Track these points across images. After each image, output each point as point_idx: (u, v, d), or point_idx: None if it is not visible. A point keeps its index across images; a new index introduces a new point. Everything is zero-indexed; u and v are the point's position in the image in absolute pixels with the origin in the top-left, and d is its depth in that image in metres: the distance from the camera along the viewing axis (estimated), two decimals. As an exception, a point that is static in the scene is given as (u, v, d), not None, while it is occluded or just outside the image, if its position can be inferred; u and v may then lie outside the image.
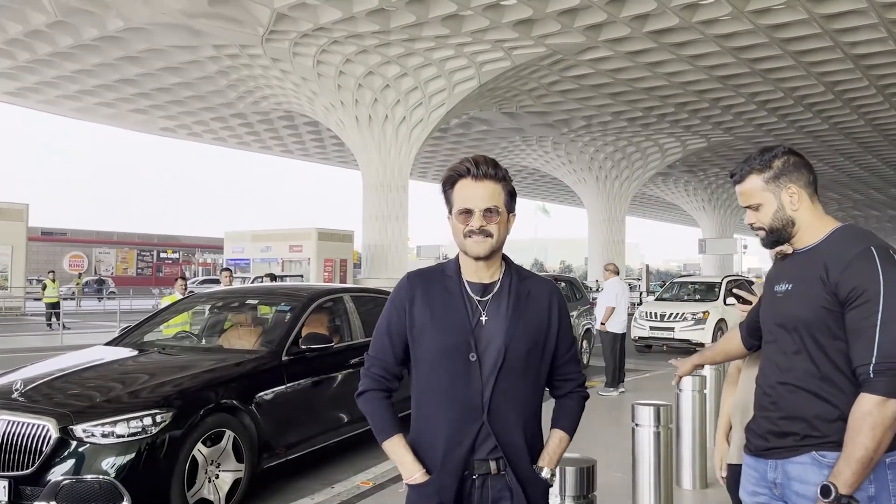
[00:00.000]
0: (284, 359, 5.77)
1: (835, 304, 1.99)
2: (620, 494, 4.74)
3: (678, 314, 16.22)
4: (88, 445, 4.43)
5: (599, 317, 10.81)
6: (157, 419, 4.60)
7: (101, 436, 4.46)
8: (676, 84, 27.25)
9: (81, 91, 29.79)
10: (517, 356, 2.08)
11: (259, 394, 5.41)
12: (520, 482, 2.07)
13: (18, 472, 4.39)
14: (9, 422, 4.50)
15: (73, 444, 4.42)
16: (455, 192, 2.13)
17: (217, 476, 4.97)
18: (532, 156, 39.47)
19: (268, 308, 7.04)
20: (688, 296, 17.81)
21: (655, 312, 16.62)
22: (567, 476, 3.07)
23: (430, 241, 77.35)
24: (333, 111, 27.69)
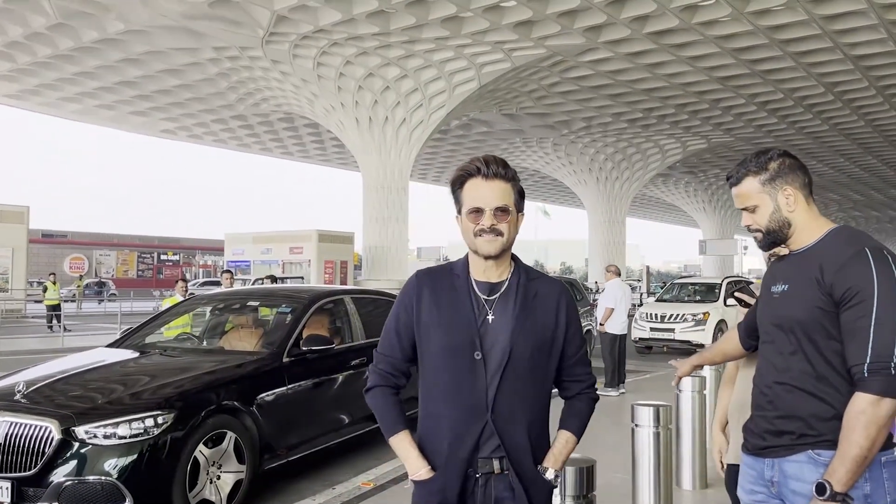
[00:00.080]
0: (285, 360, 5.79)
1: (830, 305, 2.01)
2: (621, 495, 4.76)
3: (678, 315, 16.24)
4: (91, 447, 4.45)
5: (600, 318, 10.86)
6: (159, 420, 4.63)
7: (104, 437, 4.48)
8: (676, 85, 27.27)
9: (81, 93, 29.82)
10: (522, 356, 2.08)
11: (260, 395, 5.42)
12: (522, 482, 2.07)
13: (21, 474, 4.41)
14: (11, 423, 4.53)
15: (76, 446, 4.44)
16: (465, 192, 2.13)
17: (219, 477, 4.99)
18: (532, 157, 39.48)
19: (268, 310, 7.05)
20: (688, 297, 17.82)
21: (656, 313, 16.63)
22: (567, 476, 3.10)
23: (431, 243, 77.42)
24: (333, 113, 27.71)
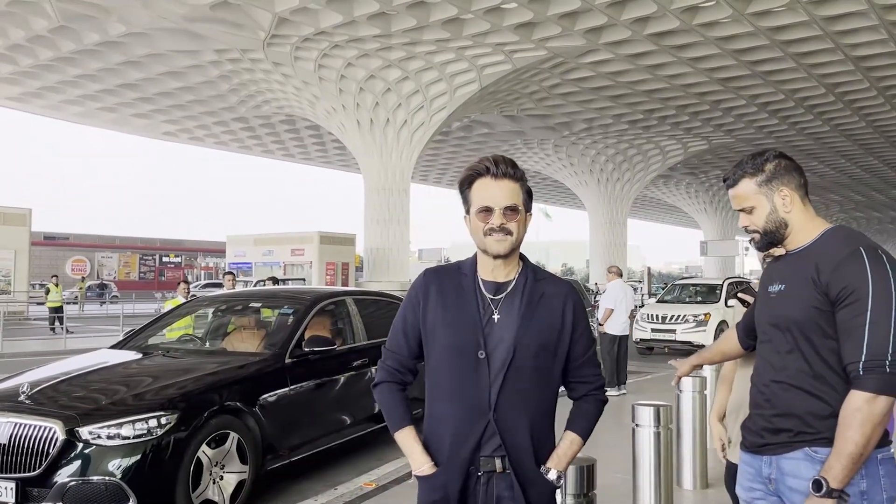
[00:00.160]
0: (288, 361, 5.81)
1: (826, 304, 2.03)
2: (621, 495, 4.77)
3: (680, 316, 16.24)
4: (94, 447, 4.47)
5: (600, 318, 10.91)
6: (163, 421, 4.65)
7: (107, 437, 4.50)
8: (677, 86, 27.29)
9: (83, 96, 29.88)
10: (526, 356, 2.08)
11: (263, 396, 5.44)
12: (522, 482, 2.07)
13: (25, 474, 4.43)
14: (16, 424, 4.55)
15: (80, 446, 4.47)
16: (474, 192, 2.14)
17: (221, 477, 5.01)
18: (533, 158, 39.50)
19: (271, 311, 7.07)
20: (689, 298, 17.83)
21: (657, 314, 16.64)
22: (567, 474, 3.11)
23: (432, 245, 77.40)
24: (335, 115, 27.75)
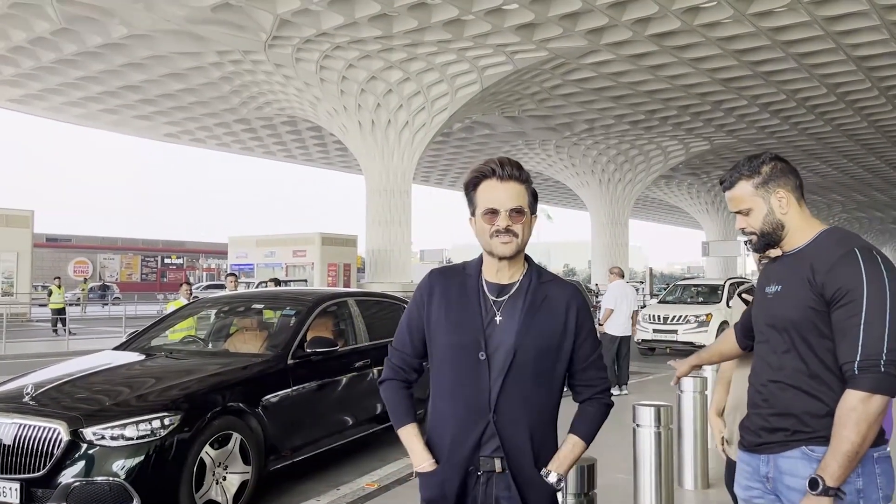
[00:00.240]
0: (290, 362, 5.82)
1: (821, 305, 2.05)
2: (623, 494, 4.79)
3: (681, 317, 16.24)
4: (98, 448, 4.50)
5: (600, 318, 10.93)
6: (166, 422, 4.67)
7: (111, 438, 4.52)
8: (679, 87, 27.30)
9: (85, 98, 29.94)
10: (526, 358, 2.09)
11: (265, 397, 5.46)
12: (520, 484, 2.09)
13: (30, 475, 4.46)
14: (20, 425, 4.57)
15: (84, 447, 4.49)
16: (479, 194, 2.14)
17: (224, 478, 5.03)
18: (535, 159, 39.53)
19: (273, 312, 7.09)
20: (691, 298, 17.82)
21: (659, 315, 16.63)
22: (568, 474, 3.13)
23: (434, 246, 77.45)
24: (336, 116, 27.79)
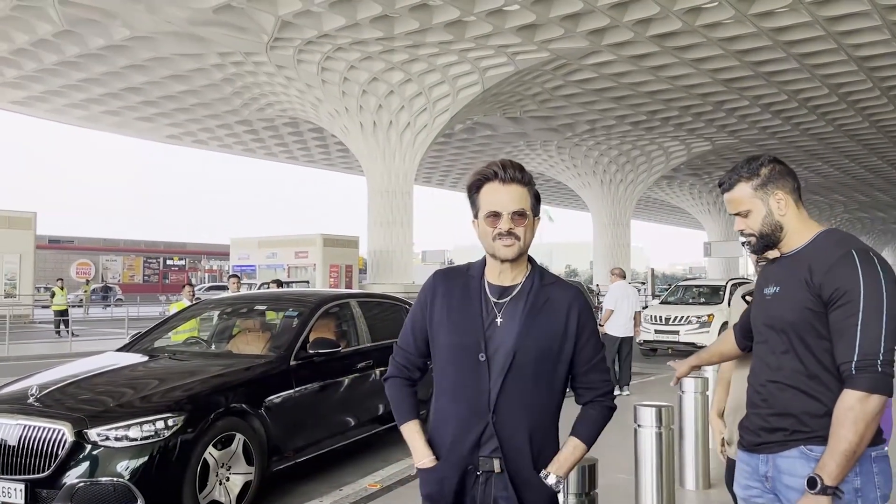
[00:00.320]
0: (293, 363, 5.85)
1: (819, 305, 2.07)
2: (624, 495, 4.81)
3: (683, 317, 16.24)
4: (103, 449, 4.53)
5: (600, 319, 10.95)
6: (170, 423, 4.70)
7: (115, 439, 4.55)
8: (680, 87, 27.30)
9: (87, 99, 29.98)
10: (526, 360, 2.10)
11: (268, 398, 5.49)
12: (517, 485, 2.10)
13: (35, 476, 4.49)
14: (25, 426, 4.60)
15: (88, 448, 4.52)
16: (482, 196, 2.16)
17: (228, 479, 5.06)
18: (536, 160, 39.54)
19: (275, 313, 7.11)
20: (692, 299, 17.81)
21: (660, 316, 16.63)
22: (568, 476, 3.15)
23: (436, 246, 77.35)
24: (338, 117, 27.81)
